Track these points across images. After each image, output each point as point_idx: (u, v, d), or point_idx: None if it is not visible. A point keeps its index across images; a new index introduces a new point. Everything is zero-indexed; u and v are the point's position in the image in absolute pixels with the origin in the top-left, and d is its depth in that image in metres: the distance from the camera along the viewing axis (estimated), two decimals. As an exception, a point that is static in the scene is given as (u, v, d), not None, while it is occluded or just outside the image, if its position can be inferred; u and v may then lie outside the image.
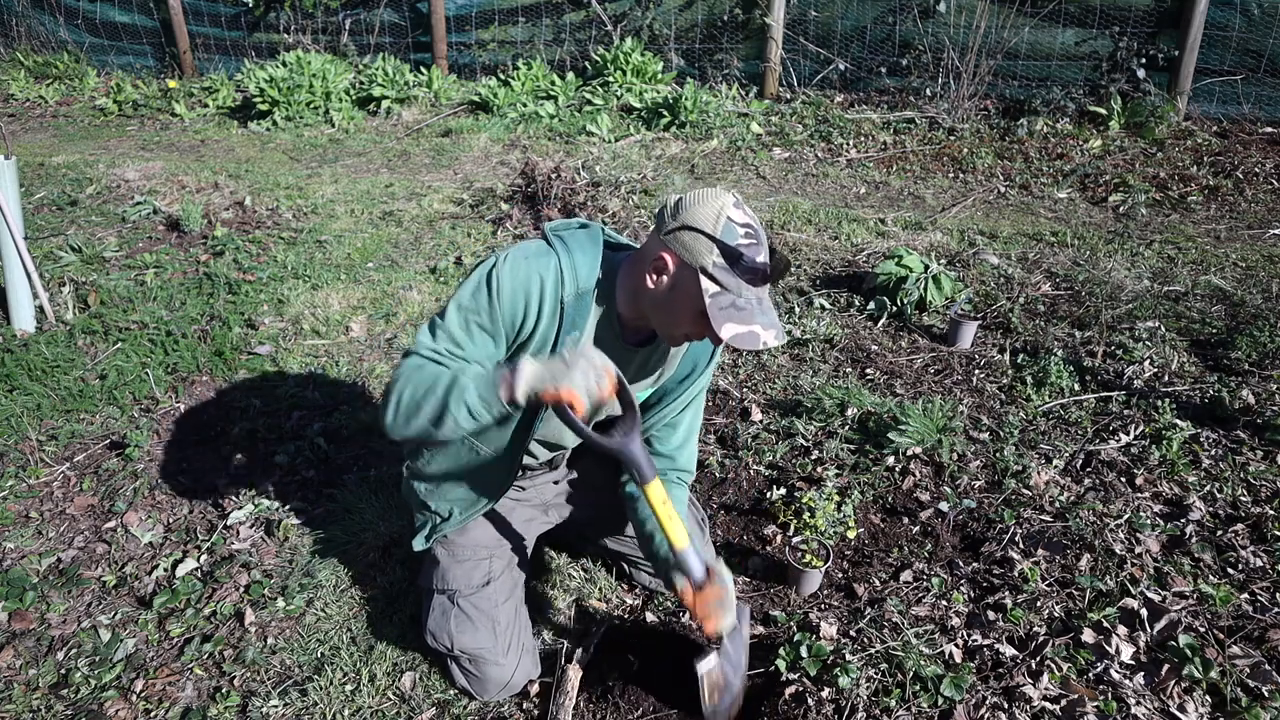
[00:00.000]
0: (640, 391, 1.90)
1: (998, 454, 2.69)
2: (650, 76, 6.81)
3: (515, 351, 1.71)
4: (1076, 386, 3.06)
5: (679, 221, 1.57)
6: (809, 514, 2.25)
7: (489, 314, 1.65)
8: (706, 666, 1.73)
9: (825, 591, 2.23)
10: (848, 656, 1.91)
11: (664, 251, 1.58)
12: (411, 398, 1.60)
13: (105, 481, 2.77)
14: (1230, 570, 2.17)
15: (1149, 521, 2.35)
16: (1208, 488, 2.49)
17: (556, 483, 2.18)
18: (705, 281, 1.55)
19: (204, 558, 2.43)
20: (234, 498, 2.65)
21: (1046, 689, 1.82)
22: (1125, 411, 2.89)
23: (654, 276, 1.61)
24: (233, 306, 3.86)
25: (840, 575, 2.29)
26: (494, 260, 1.67)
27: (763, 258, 1.56)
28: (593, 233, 1.75)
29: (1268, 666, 1.84)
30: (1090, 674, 1.86)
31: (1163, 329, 3.40)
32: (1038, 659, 1.90)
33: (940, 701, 1.81)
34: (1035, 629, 2.00)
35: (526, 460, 2.00)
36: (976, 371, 3.23)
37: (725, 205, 1.56)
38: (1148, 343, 3.30)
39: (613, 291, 1.72)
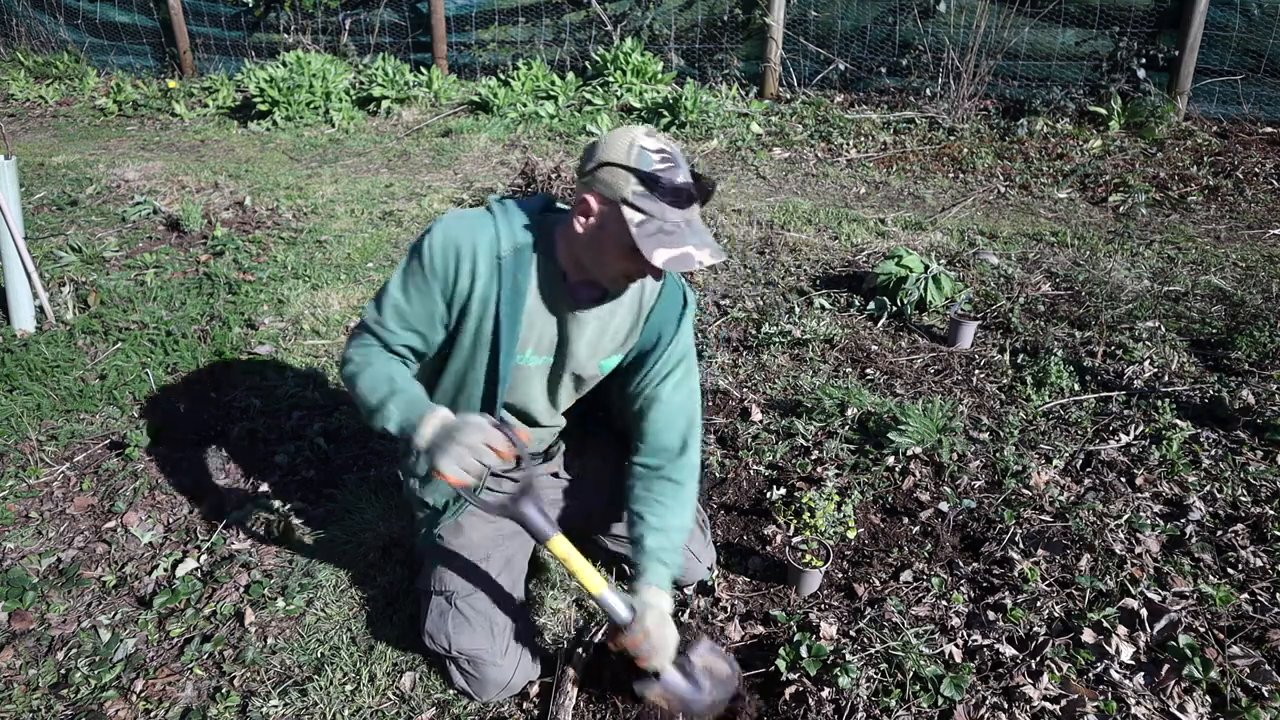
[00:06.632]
0: (606, 360, 1.90)
1: (998, 454, 2.69)
2: (650, 76, 6.81)
3: (461, 313, 1.76)
4: (1076, 386, 3.06)
5: (595, 161, 1.60)
6: (809, 514, 2.25)
7: (422, 274, 1.72)
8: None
9: (825, 591, 2.23)
10: (848, 656, 1.91)
11: (586, 194, 1.62)
12: (356, 381, 1.77)
13: (105, 481, 2.77)
14: (1230, 570, 2.17)
15: (1149, 521, 2.35)
16: (1208, 488, 2.49)
17: (555, 475, 2.18)
18: (628, 212, 1.56)
19: (204, 558, 2.43)
20: (234, 498, 2.65)
21: (1046, 689, 1.82)
22: (1125, 411, 2.88)
23: (582, 220, 1.64)
24: (233, 306, 3.86)
25: (840, 575, 2.29)
26: (431, 225, 1.75)
27: (682, 178, 1.57)
28: (536, 198, 1.80)
29: (1268, 666, 1.84)
30: (1090, 674, 1.86)
31: (1163, 329, 3.40)
32: (1038, 659, 1.90)
33: (940, 701, 1.81)
34: (1035, 629, 2.00)
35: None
36: (976, 371, 3.23)
37: (636, 136, 1.58)
38: (1148, 343, 3.30)
39: (553, 248, 1.75)
